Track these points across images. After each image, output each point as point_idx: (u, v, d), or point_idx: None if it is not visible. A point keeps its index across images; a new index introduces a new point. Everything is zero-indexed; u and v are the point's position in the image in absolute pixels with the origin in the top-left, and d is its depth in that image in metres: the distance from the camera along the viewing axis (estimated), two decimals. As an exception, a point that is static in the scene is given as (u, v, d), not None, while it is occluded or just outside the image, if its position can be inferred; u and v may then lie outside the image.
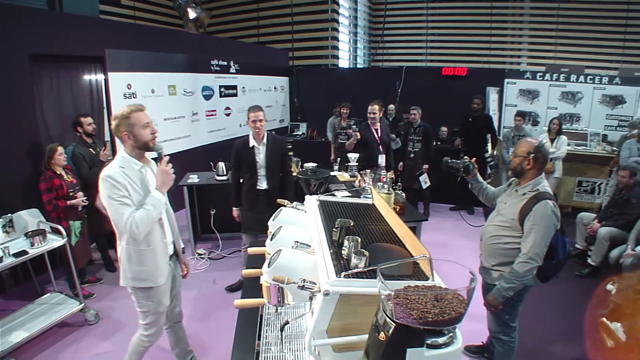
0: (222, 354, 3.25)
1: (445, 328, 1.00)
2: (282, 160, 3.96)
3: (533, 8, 12.34)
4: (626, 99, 7.56)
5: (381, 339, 0.99)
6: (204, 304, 3.98)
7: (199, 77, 6.79)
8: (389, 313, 1.00)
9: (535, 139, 2.61)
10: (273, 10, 11.08)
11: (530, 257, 2.32)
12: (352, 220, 1.62)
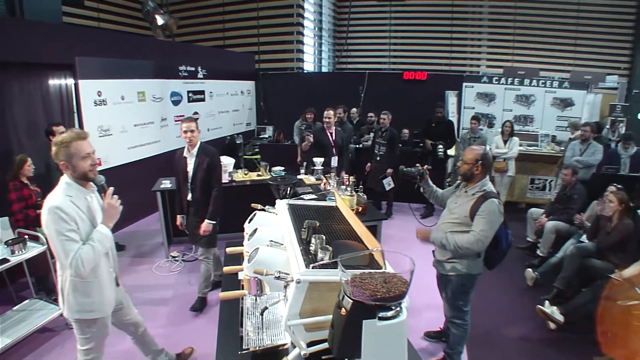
0: (203, 351, 3.44)
1: (392, 303, 1.26)
2: (210, 173, 3.89)
3: (491, 13, 12.91)
4: (574, 101, 8.12)
5: (342, 314, 1.26)
6: (181, 305, 4.14)
7: (168, 83, 6.91)
8: (348, 293, 1.25)
9: (480, 147, 2.93)
10: (239, 14, 11.23)
11: (479, 237, 2.65)
12: (317, 221, 1.87)
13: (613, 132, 7.90)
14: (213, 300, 4.14)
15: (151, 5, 7.16)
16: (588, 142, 5.87)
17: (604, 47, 13.13)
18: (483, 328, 3.78)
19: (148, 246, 5.49)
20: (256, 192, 5.13)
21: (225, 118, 8.81)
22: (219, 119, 8.57)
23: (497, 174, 6.69)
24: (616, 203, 3.96)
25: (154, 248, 5.48)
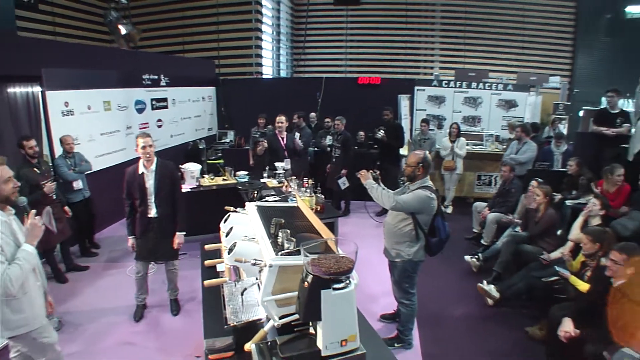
0: (186, 338, 3.82)
1: (342, 277, 1.68)
2: (172, 186, 3.96)
3: (444, 17, 13.60)
4: (518, 102, 8.79)
5: (305, 286, 1.66)
6: (159, 303, 4.44)
7: (132, 92, 7.10)
8: (309, 271, 1.66)
9: (421, 151, 3.44)
10: (199, 19, 11.41)
11: (397, 201, 3.19)
12: (282, 219, 2.26)
13: (554, 130, 8.65)
14: (182, 300, 4.47)
15: (114, 15, 7.33)
16: (523, 141, 6.52)
17: (548, 50, 14.10)
18: (432, 308, 4.35)
19: (120, 251, 5.70)
20: (222, 196, 5.51)
21: (187, 124, 9.03)
22: (181, 125, 8.79)
23: (447, 171, 7.30)
24: (542, 196, 4.56)
25: (127, 252, 5.64)
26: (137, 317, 4.15)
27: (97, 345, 3.75)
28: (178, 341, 3.80)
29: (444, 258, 5.18)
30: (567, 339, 3.11)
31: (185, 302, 4.45)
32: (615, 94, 6.16)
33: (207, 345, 2.06)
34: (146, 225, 3.92)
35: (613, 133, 5.97)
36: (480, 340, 3.95)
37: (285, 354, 1.81)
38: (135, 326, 4.07)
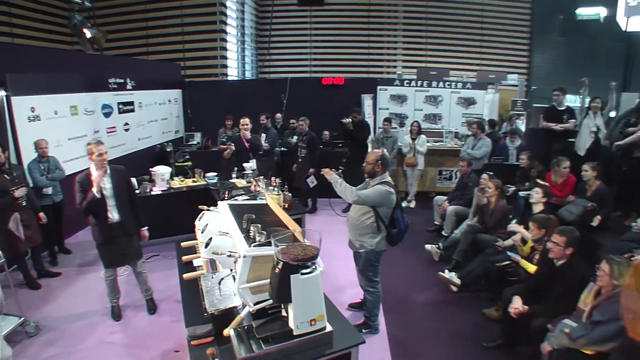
0: (164, 334, 3.97)
1: (308, 263, 1.91)
2: (128, 188, 4.10)
3: (406, 18, 13.97)
4: (476, 100, 9.20)
5: (277, 272, 1.88)
6: (137, 302, 4.55)
7: (99, 96, 7.11)
8: (280, 258, 1.88)
9: (379, 150, 3.73)
10: (162, 20, 11.35)
11: (358, 195, 3.44)
12: (253, 215, 2.47)
13: (511, 126, 9.11)
14: (159, 299, 4.60)
15: (78, 18, 7.28)
16: (478, 138, 6.92)
17: (505, 49, 14.75)
18: (397, 295, 4.67)
19: (93, 255, 5.68)
20: (193, 197, 5.65)
21: (154, 127, 9.05)
22: (148, 129, 8.81)
23: (408, 168, 7.65)
24: (493, 189, 4.92)
25: (98, 256, 5.75)
26: (116, 317, 4.25)
27: (76, 346, 3.83)
28: (157, 338, 3.93)
29: (407, 249, 5.62)
30: (517, 314, 3.44)
31: (162, 301, 4.57)
32: (560, 92, 6.62)
33: (189, 333, 2.24)
34: (109, 231, 3.97)
35: (560, 128, 6.44)
36: (442, 322, 4.26)
37: (261, 334, 2.04)
38: (113, 326, 4.16)
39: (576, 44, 14.71)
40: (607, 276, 2.96)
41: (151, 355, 3.69)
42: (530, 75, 15.07)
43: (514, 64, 14.87)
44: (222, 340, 2.18)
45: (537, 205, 4.64)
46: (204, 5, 11.24)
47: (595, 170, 4.99)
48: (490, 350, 3.78)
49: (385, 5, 14.06)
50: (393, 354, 3.74)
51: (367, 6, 13.95)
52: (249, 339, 2.07)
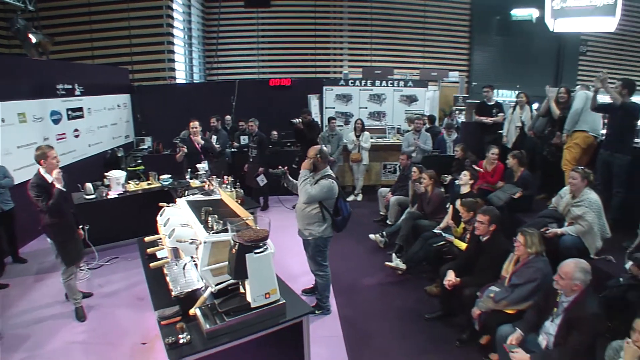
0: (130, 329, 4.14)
1: (260, 243, 2.26)
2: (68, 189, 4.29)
3: (351, 19, 14.45)
4: (418, 97, 9.75)
5: (233, 252, 2.22)
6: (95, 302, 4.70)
7: (47, 103, 7.03)
8: (236, 240, 2.22)
9: (318, 146, 4.09)
10: (108, 24, 11.23)
11: (310, 192, 3.82)
12: (211, 207, 2.79)
13: (452, 120, 9.76)
14: (123, 296, 4.80)
15: (21, 23, 7.17)
16: (420, 133, 7.47)
17: (447, 47, 15.63)
18: (346, 279, 5.11)
19: (50, 262, 5.64)
20: (149, 199, 5.80)
21: (104, 132, 9.02)
22: (98, 134, 8.78)
23: (354, 163, 8.11)
24: (427, 179, 5.43)
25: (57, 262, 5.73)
26: (81, 318, 4.36)
27: (42, 349, 3.91)
28: (122, 333, 4.10)
29: (356, 238, 6.12)
30: (450, 286, 3.95)
31: (125, 299, 4.75)
32: (489, 89, 7.28)
33: (158, 315, 2.52)
34: (71, 228, 4.24)
35: (490, 121, 7.08)
36: (388, 301, 4.72)
37: (223, 309, 2.37)
38: (78, 327, 4.27)
39: (512, 43, 15.91)
40: (522, 246, 3.49)
41: (119, 351, 3.85)
42: (471, 72, 16.08)
43: (455, 62, 15.78)
44: (189, 319, 2.48)
45: (464, 186, 5.21)
46: (150, 8, 11.22)
47: (516, 159, 5.60)
48: (431, 321, 4.27)
49: (331, 7, 14.49)
50: (344, 332, 4.13)
51: (313, 7, 14.33)
52: (212, 315, 2.40)
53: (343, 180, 8.60)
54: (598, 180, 5.10)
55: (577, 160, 5.47)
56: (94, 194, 5.68)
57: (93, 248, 5.52)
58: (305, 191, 3.84)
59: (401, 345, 3.96)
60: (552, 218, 4.65)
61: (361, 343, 3.98)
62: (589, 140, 5.48)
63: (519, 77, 15.51)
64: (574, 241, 4.23)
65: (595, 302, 2.89)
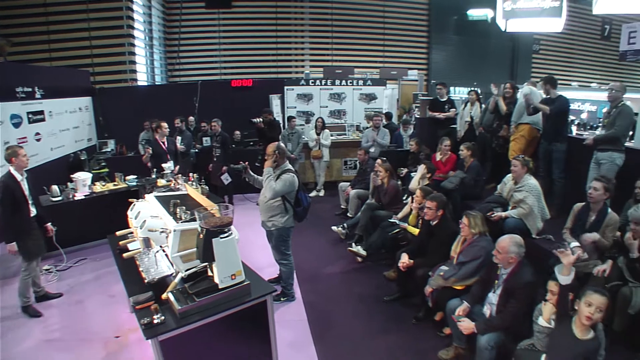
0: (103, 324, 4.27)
1: (225, 229, 2.52)
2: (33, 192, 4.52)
3: (312, 20, 14.70)
4: (377, 95, 10.13)
5: (201, 237, 2.47)
6: (69, 300, 4.80)
7: (6, 106, 6.92)
8: (203, 226, 2.47)
9: (275, 143, 4.32)
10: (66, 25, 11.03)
11: (277, 190, 4.09)
12: (179, 200, 3.03)
13: (410, 117, 10.19)
14: (93, 294, 4.91)
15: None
16: (379, 129, 7.85)
17: (406, 47, 16.08)
18: (310, 268, 5.43)
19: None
20: (116, 200, 5.90)
21: (67, 136, 8.96)
22: (61, 138, 8.72)
23: (315, 160, 8.44)
24: (383, 171, 5.79)
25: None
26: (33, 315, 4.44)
27: (18, 347, 3.97)
28: (97, 329, 4.21)
29: (318, 231, 6.46)
30: (404, 268, 4.31)
31: (97, 296, 4.87)
32: (442, 86, 7.73)
33: (133, 300, 2.71)
34: (30, 224, 4.38)
35: (443, 117, 7.53)
36: (349, 287, 5.06)
37: (193, 290, 2.62)
38: (53, 325, 4.35)
39: (469, 42, 16.63)
40: (466, 227, 3.89)
41: (93, 345, 3.96)
42: (429, 70, 16.62)
43: (414, 60, 16.30)
44: (162, 303, 2.69)
45: (423, 180, 5.61)
46: (109, 9, 11.07)
47: (469, 150, 6.02)
48: (390, 303, 4.64)
49: (292, 7, 14.69)
50: (309, 316, 4.44)
51: (275, 8, 14.48)
52: (184, 297, 2.64)
53: (305, 177, 8.91)
54: (541, 168, 5.62)
55: (523, 151, 5.95)
56: (60, 196, 5.74)
57: (61, 250, 5.54)
58: (270, 187, 4.10)
59: (362, 325, 4.30)
60: (497, 203, 5.10)
61: (325, 325, 4.29)
62: (533, 132, 5.99)
63: (476, 75, 16.21)
64: (516, 223, 4.68)
65: (529, 272, 3.28)
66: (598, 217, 4.00)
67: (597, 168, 4.89)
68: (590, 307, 2.50)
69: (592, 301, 2.51)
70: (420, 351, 3.85)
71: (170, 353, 2.55)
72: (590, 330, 2.54)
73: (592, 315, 2.48)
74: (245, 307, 2.76)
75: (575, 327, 2.58)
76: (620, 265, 3.68)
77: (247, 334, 2.95)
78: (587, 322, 2.50)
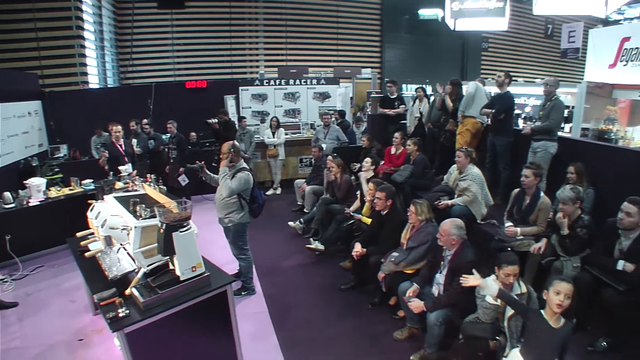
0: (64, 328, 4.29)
1: (184, 223, 2.68)
2: None
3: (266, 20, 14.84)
4: (330, 94, 10.38)
5: (161, 232, 2.62)
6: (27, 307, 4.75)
7: (-52, 112, 6.80)
8: (163, 221, 2.62)
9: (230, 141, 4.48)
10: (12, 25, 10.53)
11: (232, 188, 4.23)
12: (138, 199, 3.15)
13: (364, 115, 10.51)
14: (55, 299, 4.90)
15: None
16: (329, 127, 8.12)
17: (359, 45, 16.48)
18: (269, 263, 5.64)
19: None
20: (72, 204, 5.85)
21: (16, 142, 8.69)
22: (9, 144, 8.45)
23: (271, 159, 8.62)
24: (335, 167, 6.05)
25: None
26: None
27: None
28: (59, 334, 4.21)
29: (276, 227, 6.71)
30: (358, 256, 4.59)
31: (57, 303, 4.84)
32: (392, 84, 8.08)
33: (97, 297, 2.80)
34: None
35: (393, 113, 7.88)
36: (308, 278, 5.31)
37: (156, 284, 2.76)
38: (13, 333, 4.30)
39: (421, 41, 17.24)
40: (414, 214, 4.20)
41: (56, 350, 3.98)
42: (383, 68, 17.15)
43: (368, 59, 16.74)
44: (126, 298, 2.80)
45: (367, 172, 5.89)
46: (57, 9, 10.70)
47: (415, 145, 6.37)
48: (346, 291, 4.92)
49: (245, 7, 14.76)
50: (269, 307, 4.64)
51: (229, 8, 14.51)
52: (147, 291, 2.78)
53: (262, 175, 9.08)
54: (488, 160, 6.04)
55: (468, 143, 6.36)
56: (13, 203, 5.63)
57: (16, 259, 5.51)
58: (226, 186, 4.25)
59: (321, 313, 4.55)
60: (444, 192, 5.49)
61: (285, 315, 4.51)
62: (477, 125, 6.41)
63: (428, 72, 16.84)
64: (462, 210, 5.06)
65: (471, 252, 3.63)
66: (532, 201, 4.43)
67: (534, 156, 5.31)
68: (559, 295, 2.60)
69: (560, 289, 2.61)
70: (376, 333, 4.14)
71: (137, 345, 2.67)
72: (560, 317, 2.65)
73: (562, 302, 2.59)
74: (206, 298, 2.92)
75: (547, 317, 2.67)
76: (553, 243, 4.10)
77: (210, 325, 3.11)
78: (558, 309, 2.60)
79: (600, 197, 4.50)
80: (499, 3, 10.37)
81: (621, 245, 3.60)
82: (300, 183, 7.49)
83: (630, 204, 3.48)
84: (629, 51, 9.53)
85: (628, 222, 3.48)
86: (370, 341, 4.04)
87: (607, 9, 9.11)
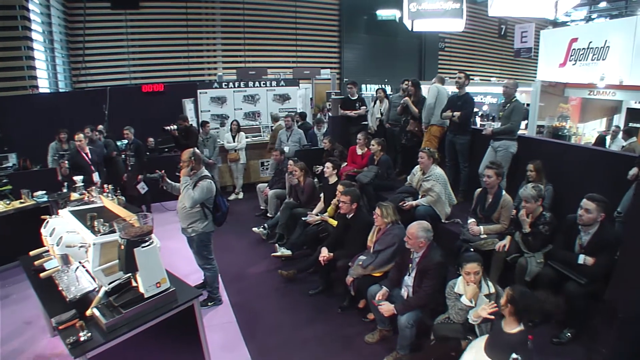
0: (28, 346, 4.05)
1: (145, 237, 2.58)
2: None
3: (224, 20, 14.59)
4: (290, 95, 10.32)
5: (122, 248, 2.51)
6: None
7: None
8: (124, 236, 2.51)
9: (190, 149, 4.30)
10: None
11: (195, 199, 4.10)
12: (95, 213, 3.02)
13: (325, 116, 10.49)
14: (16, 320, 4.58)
15: None
16: (292, 129, 8.08)
17: (318, 46, 16.48)
18: (234, 270, 5.53)
19: None
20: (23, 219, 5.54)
21: (-42, 152, 8.27)
22: (-49, 154, 8.04)
23: (232, 163, 8.50)
24: (298, 170, 6.02)
25: None
26: None
27: None
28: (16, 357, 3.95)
29: (239, 233, 6.61)
30: (324, 261, 4.57)
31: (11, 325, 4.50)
32: (352, 85, 8.10)
33: (55, 321, 2.64)
34: None
35: (355, 114, 7.90)
36: (275, 284, 5.23)
37: (119, 302, 2.64)
38: None
39: (379, 41, 17.46)
40: (379, 217, 4.22)
41: None
42: (342, 69, 17.21)
43: (327, 59, 16.76)
44: (87, 320, 2.67)
45: (331, 177, 5.89)
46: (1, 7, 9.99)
47: (379, 145, 6.40)
48: (315, 296, 4.88)
49: (202, 8, 14.46)
50: (237, 316, 4.55)
51: (185, 9, 14.16)
52: (110, 310, 2.65)
53: (223, 180, 8.93)
54: (447, 159, 6.14)
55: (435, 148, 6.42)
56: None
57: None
58: (188, 196, 4.11)
59: (290, 318, 4.51)
60: (408, 193, 5.54)
61: (254, 323, 4.44)
62: (442, 130, 6.45)
63: (387, 72, 17.08)
64: (426, 210, 5.12)
65: (438, 253, 3.67)
66: (494, 200, 4.54)
67: (494, 154, 5.43)
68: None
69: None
70: (347, 337, 4.13)
71: (101, 369, 2.54)
72: (517, 324, 2.68)
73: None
74: (173, 314, 2.83)
75: (503, 322, 2.76)
76: (516, 240, 4.22)
77: (178, 341, 3.02)
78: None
79: (558, 194, 4.67)
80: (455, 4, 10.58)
81: (581, 240, 3.74)
82: (262, 187, 7.39)
83: (588, 200, 3.61)
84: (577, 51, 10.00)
85: (587, 218, 3.62)
86: (342, 345, 4.02)
87: (557, 12, 9.47)
